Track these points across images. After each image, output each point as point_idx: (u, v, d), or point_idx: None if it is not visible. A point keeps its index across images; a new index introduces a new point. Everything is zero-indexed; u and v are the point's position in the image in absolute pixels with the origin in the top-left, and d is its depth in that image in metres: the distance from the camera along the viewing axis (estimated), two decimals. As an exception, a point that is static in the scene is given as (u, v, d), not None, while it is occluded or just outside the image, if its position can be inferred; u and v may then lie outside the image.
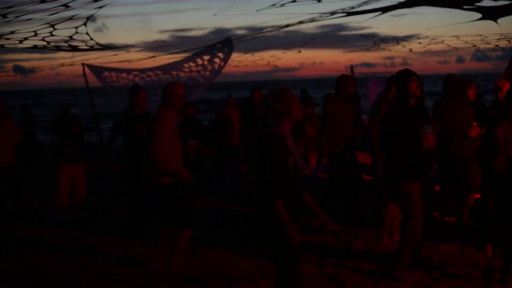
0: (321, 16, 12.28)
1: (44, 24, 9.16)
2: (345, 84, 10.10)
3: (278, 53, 20.64)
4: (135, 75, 20.21)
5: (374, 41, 18.23)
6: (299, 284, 5.22)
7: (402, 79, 7.25)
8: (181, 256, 7.86)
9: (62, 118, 14.68)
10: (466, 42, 17.39)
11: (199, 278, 7.54)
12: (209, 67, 17.16)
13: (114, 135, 10.50)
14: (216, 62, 16.77)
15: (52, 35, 9.64)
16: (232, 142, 15.81)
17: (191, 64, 17.88)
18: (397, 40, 18.46)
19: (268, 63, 21.40)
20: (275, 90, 5.14)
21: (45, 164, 12.76)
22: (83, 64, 20.83)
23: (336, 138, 10.17)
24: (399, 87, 7.32)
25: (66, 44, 10.12)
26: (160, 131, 7.50)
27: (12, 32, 9.53)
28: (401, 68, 7.52)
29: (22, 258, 8.83)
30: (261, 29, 15.94)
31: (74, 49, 10.33)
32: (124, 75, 20.33)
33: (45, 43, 10.05)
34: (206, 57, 17.13)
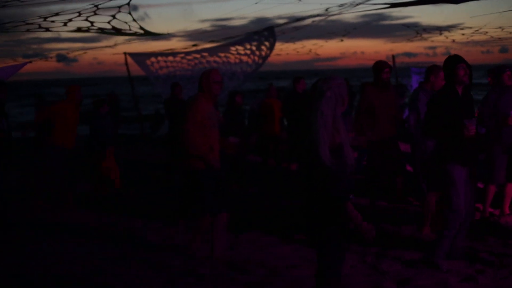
0: (362, 4, 12.19)
1: (89, 4, 9.24)
2: (377, 69, 9.84)
3: (319, 42, 20.57)
4: (181, 57, 20.25)
5: (417, 31, 18.09)
6: (338, 278, 5.20)
7: (450, 65, 7.18)
8: (222, 242, 7.92)
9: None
10: (511, 33, 17.16)
11: (242, 265, 7.58)
12: (257, 53, 17.15)
13: (157, 123, 10.60)
14: (263, 50, 16.77)
15: (95, 14, 9.69)
16: (273, 132, 15.81)
17: (239, 47, 17.88)
18: (439, 30, 18.27)
19: (310, 51, 21.31)
20: (329, 79, 5.10)
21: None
22: (125, 53, 20.99)
23: (375, 127, 9.90)
24: (447, 73, 7.25)
25: (110, 26, 10.16)
26: (193, 116, 7.54)
27: (57, 14, 9.60)
28: (443, 58, 7.43)
29: (67, 245, 8.98)
30: (302, 18, 15.89)
31: (118, 31, 10.37)
32: (170, 58, 20.40)
33: (88, 24, 10.09)
34: (254, 43, 17.14)
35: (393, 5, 10.93)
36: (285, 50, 21.31)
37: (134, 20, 10.02)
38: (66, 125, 11.15)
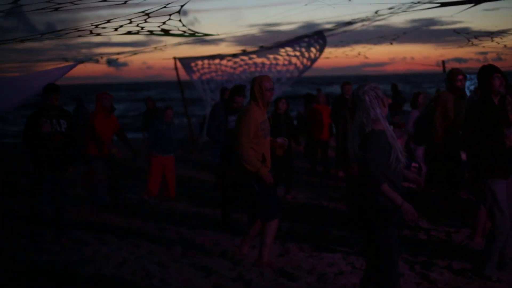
0: (411, 7, 12.07)
1: (139, 13, 9.32)
2: (451, 77, 9.84)
3: (369, 45, 20.45)
4: (228, 60, 20.32)
5: (467, 37, 17.86)
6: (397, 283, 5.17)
7: (485, 75, 7.08)
8: (270, 248, 7.90)
9: (151, 111, 14.87)
10: None
11: (290, 272, 7.55)
12: (306, 55, 17.13)
13: (204, 127, 10.63)
14: (312, 51, 16.74)
15: (146, 21, 9.79)
16: (322, 137, 15.74)
17: (288, 49, 17.88)
18: (490, 36, 18.01)
19: (359, 53, 21.16)
20: (362, 85, 5.15)
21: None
22: (174, 58, 21.14)
23: (443, 131, 9.89)
24: (482, 83, 7.16)
25: (159, 29, 10.25)
26: (246, 125, 7.54)
27: (108, 21, 9.71)
28: (494, 64, 7.33)
29: (115, 247, 9.05)
30: (351, 23, 15.81)
31: (166, 33, 10.45)
32: (217, 61, 20.48)
33: (138, 29, 10.21)
34: (304, 45, 17.12)
35: (443, 4, 10.79)
36: (334, 53, 21.23)
37: (183, 25, 10.09)
38: (98, 133, 11.26)
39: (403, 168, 5.11)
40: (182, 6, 9.17)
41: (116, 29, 10.16)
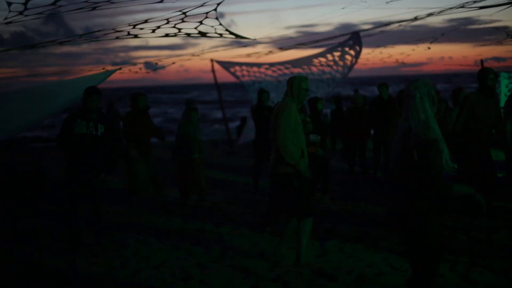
0: (450, 9, 11.96)
1: (176, 11, 9.36)
2: (482, 76, 9.77)
3: (406, 49, 20.38)
4: (266, 68, 20.41)
5: (507, 32, 17.64)
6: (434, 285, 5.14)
7: None
8: (307, 248, 7.91)
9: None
10: None
11: (329, 272, 7.55)
12: (341, 63, 17.05)
13: (241, 129, 10.63)
14: (347, 59, 16.64)
15: (183, 21, 9.83)
16: (360, 138, 15.69)
17: (321, 59, 17.84)
18: (530, 34, 17.76)
19: (396, 61, 21.08)
20: (414, 80, 5.07)
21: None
22: (212, 60, 21.25)
23: (473, 132, 9.82)
24: None
25: (196, 31, 10.29)
26: (286, 119, 7.57)
27: (146, 21, 9.76)
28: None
29: (155, 249, 9.12)
30: (388, 23, 15.71)
31: (203, 35, 10.49)
32: (255, 68, 20.59)
33: (176, 31, 10.26)
34: (337, 54, 17.04)
35: (482, 7, 10.69)
36: (371, 60, 21.12)
37: (220, 24, 10.12)
38: (136, 133, 11.30)
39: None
40: (218, 4, 9.20)
41: (153, 31, 10.21)
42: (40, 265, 8.38)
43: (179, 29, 10.17)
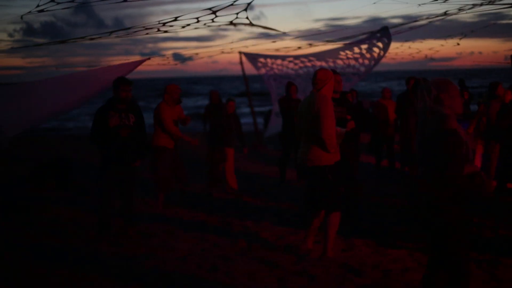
0: (481, 5, 11.83)
1: (207, 9, 9.36)
2: None
3: (435, 44, 20.22)
4: (289, 61, 20.36)
5: (539, 27, 17.42)
6: (468, 281, 5.11)
7: None
8: (334, 243, 7.88)
9: (215, 105, 14.84)
10: None
11: (355, 267, 7.52)
12: (368, 56, 16.91)
13: (268, 121, 10.57)
14: (375, 52, 16.49)
15: (213, 21, 9.84)
16: (387, 132, 15.63)
17: (348, 52, 17.70)
18: None
19: (425, 56, 20.94)
20: (439, 82, 5.03)
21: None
22: (240, 53, 21.25)
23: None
24: None
25: (227, 22, 10.32)
26: (329, 111, 7.54)
27: (176, 19, 9.78)
28: None
29: (181, 240, 9.14)
30: (417, 17, 15.57)
31: (233, 24, 10.51)
32: (279, 61, 20.55)
33: (206, 27, 10.30)
34: (364, 46, 16.89)
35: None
36: (400, 55, 21.01)
37: (250, 23, 10.12)
38: (166, 124, 11.27)
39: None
40: (249, 3, 9.20)
41: (183, 27, 10.24)
42: (65, 253, 8.43)
43: (209, 26, 10.18)
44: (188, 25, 10.13)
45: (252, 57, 21.09)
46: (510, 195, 10.90)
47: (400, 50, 20.45)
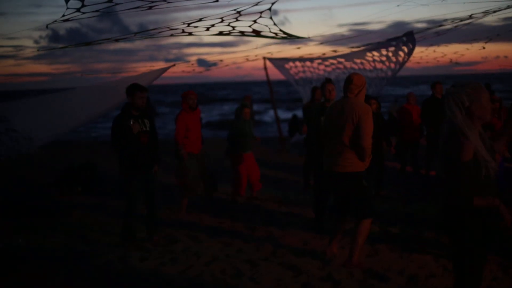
0: (508, 7, 11.72)
1: (231, 10, 9.38)
2: None
3: (460, 48, 19.98)
4: (319, 64, 20.33)
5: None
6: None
7: None
8: (361, 249, 7.86)
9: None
10: None
11: (380, 273, 7.49)
12: (394, 59, 16.86)
13: (293, 127, 10.56)
14: (400, 55, 16.45)
15: (237, 20, 9.84)
16: (412, 137, 15.58)
17: (375, 53, 17.67)
18: None
19: (450, 61, 20.78)
20: (471, 92, 4.90)
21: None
22: (264, 58, 21.29)
23: None
24: None
25: (250, 29, 10.29)
26: (370, 121, 7.52)
27: (200, 20, 9.80)
28: None
29: (206, 245, 9.16)
30: (442, 22, 15.48)
31: (258, 34, 10.48)
32: (308, 63, 20.53)
33: (230, 29, 10.28)
34: (391, 49, 16.86)
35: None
36: (425, 59, 20.85)
37: (274, 24, 10.10)
38: (187, 130, 11.36)
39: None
40: (273, 3, 9.19)
41: (207, 29, 10.24)
42: (91, 258, 8.48)
43: (233, 27, 10.19)
44: (213, 25, 10.13)
45: (278, 62, 21.11)
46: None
47: (425, 54, 20.31)
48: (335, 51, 19.65)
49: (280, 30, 10.47)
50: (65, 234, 9.97)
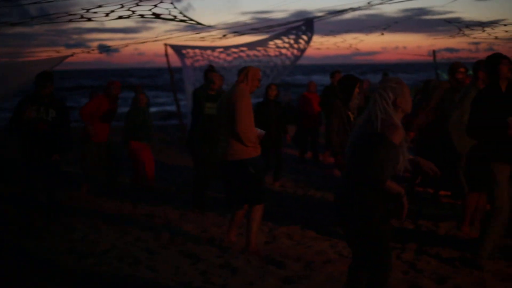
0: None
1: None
2: (452, 69, 9.90)
3: (360, 35, 20.33)
4: (220, 52, 20.24)
5: (459, 27, 17.79)
6: (389, 273, 5.17)
7: (493, 61, 7.10)
8: (257, 236, 7.91)
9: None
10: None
11: (277, 259, 7.55)
12: (296, 46, 17.07)
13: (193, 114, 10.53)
14: (301, 43, 16.67)
15: (137, 5, 9.77)
16: (312, 125, 15.79)
17: (277, 41, 17.81)
18: (482, 26, 17.92)
19: (350, 46, 21.09)
20: (395, 87, 5.01)
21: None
22: (165, 44, 21.03)
23: (435, 120, 9.95)
24: (489, 70, 7.17)
25: (150, 12, 10.22)
26: (247, 106, 7.57)
27: (100, 6, 9.70)
28: (486, 54, 7.35)
29: (104, 233, 9.04)
30: (342, 11, 15.73)
31: (157, 17, 10.43)
32: (208, 52, 20.39)
33: (130, 13, 10.20)
34: (292, 37, 17.04)
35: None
36: (325, 44, 21.11)
37: (175, 7, 10.06)
38: (101, 118, 11.29)
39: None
40: None
41: (107, 14, 10.12)
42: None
43: (133, 11, 10.10)
44: (113, 11, 10.02)
45: (178, 49, 20.88)
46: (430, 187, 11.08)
47: (325, 40, 20.58)
48: (236, 32, 19.55)
49: (180, 13, 10.42)
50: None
